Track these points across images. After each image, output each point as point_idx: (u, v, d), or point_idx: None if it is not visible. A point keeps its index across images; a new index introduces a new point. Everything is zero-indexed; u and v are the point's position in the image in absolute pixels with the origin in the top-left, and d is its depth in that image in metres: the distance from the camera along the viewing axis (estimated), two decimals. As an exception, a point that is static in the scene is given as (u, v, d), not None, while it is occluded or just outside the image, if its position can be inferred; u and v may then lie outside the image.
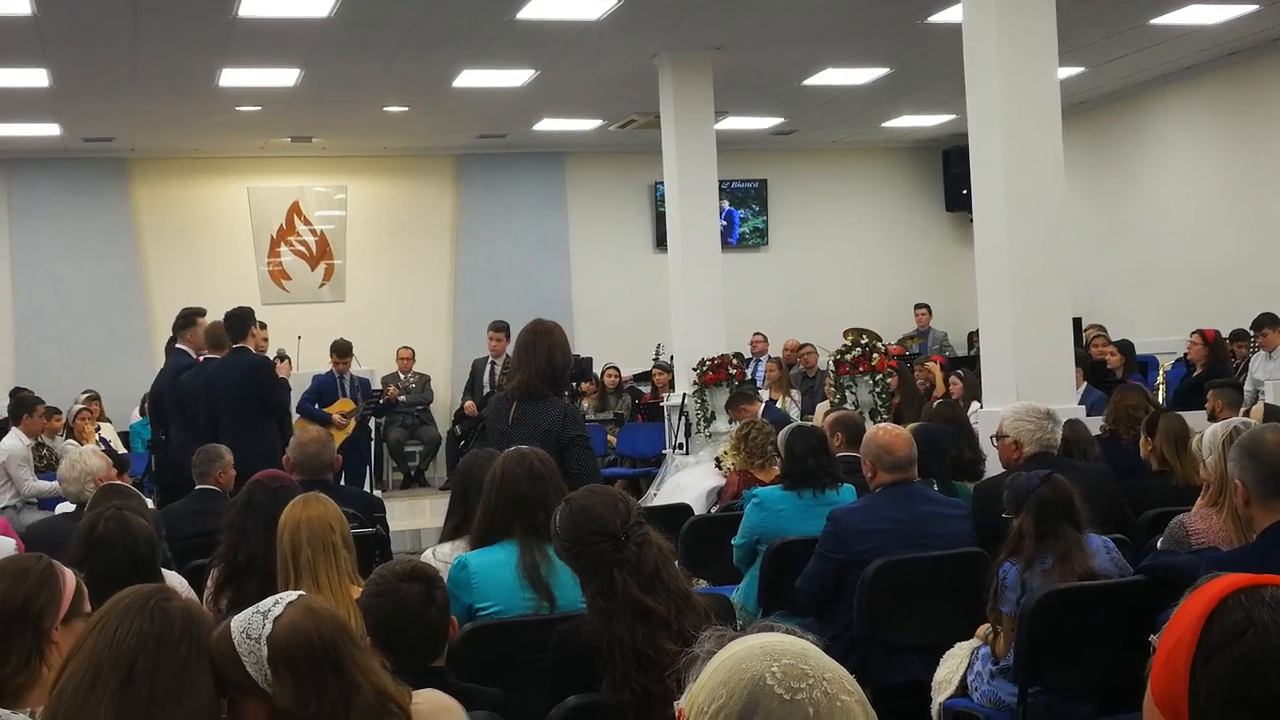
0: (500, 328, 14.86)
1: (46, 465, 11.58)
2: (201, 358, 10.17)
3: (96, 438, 14.00)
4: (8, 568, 3.59)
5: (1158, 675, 1.86)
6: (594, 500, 4.00)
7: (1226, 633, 1.79)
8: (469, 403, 15.59)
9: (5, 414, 12.95)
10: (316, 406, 14.06)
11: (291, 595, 3.00)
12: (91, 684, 2.71)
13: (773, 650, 1.77)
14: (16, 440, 11.56)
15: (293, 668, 2.84)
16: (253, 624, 2.89)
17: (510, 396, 6.52)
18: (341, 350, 14.87)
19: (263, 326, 10.94)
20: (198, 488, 7.45)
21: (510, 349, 14.34)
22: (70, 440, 12.81)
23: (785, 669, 1.74)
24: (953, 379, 12.42)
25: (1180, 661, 1.82)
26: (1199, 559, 4.72)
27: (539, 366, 6.45)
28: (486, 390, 15.02)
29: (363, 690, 2.89)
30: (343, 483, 10.95)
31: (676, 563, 4.04)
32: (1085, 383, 11.37)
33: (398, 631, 3.69)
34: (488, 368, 15.42)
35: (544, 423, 6.23)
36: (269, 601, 2.96)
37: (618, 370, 16.95)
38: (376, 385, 16.03)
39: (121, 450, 14.91)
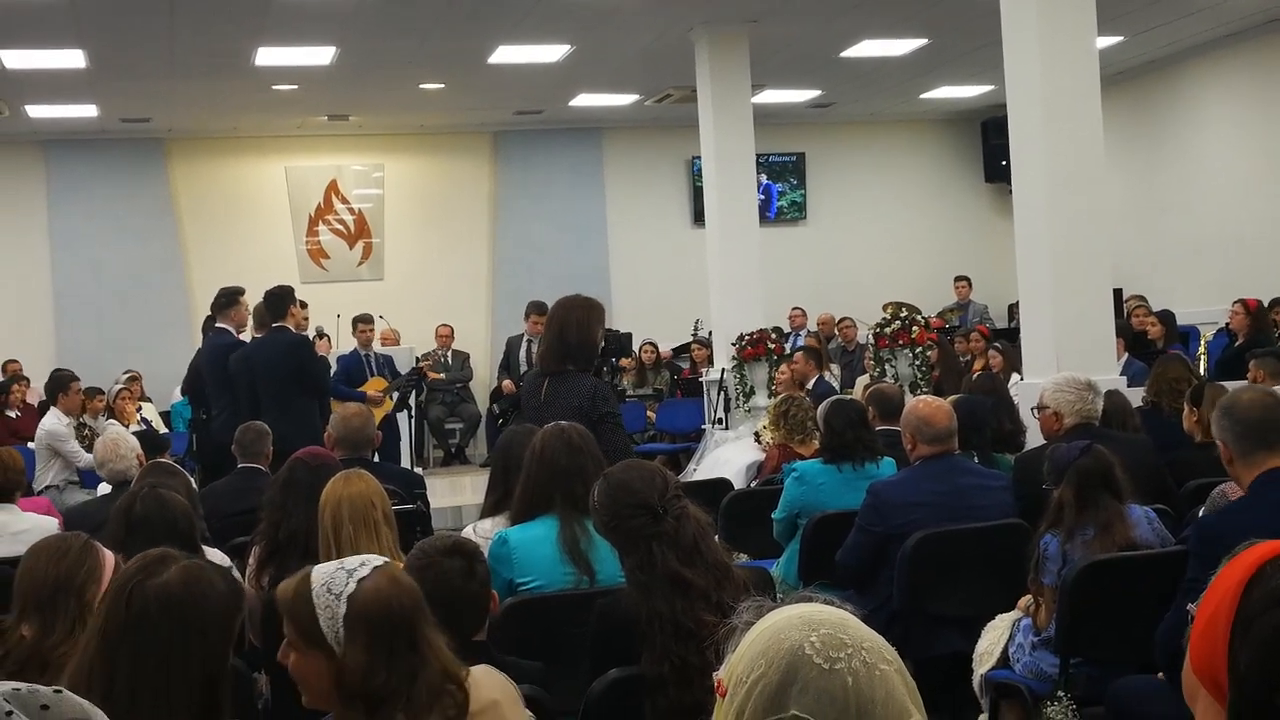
0: (540, 310, 14.84)
1: (89, 445, 11.65)
2: (251, 338, 10.22)
3: (138, 417, 14.08)
4: (48, 546, 3.62)
5: (1196, 644, 1.85)
6: (632, 474, 4.01)
7: (1265, 600, 1.78)
8: (506, 381, 15.61)
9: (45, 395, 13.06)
10: (350, 388, 14.05)
11: (377, 560, 3.00)
12: (88, 679, 2.73)
13: (811, 620, 1.77)
14: (55, 419, 11.64)
15: (371, 632, 2.85)
16: (336, 579, 2.89)
17: (541, 373, 6.52)
18: (365, 319, 14.95)
19: (303, 305, 10.96)
20: (240, 465, 7.47)
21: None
22: (112, 420, 12.88)
23: (824, 638, 1.73)
24: (992, 351, 12.37)
25: (1219, 630, 1.81)
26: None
27: (550, 343, 6.43)
28: (524, 369, 15.03)
29: (429, 666, 2.90)
30: (377, 460, 10.97)
31: (715, 536, 4.04)
32: (1126, 354, 11.31)
33: (440, 606, 3.66)
34: (523, 346, 15.42)
35: (573, 400, 6.18)
36: (355, 560, 2.97)
37: (655, 346, 16.95)
38: (410, 363, 16.01)
39: (163, 430, 14.99)
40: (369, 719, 2.85)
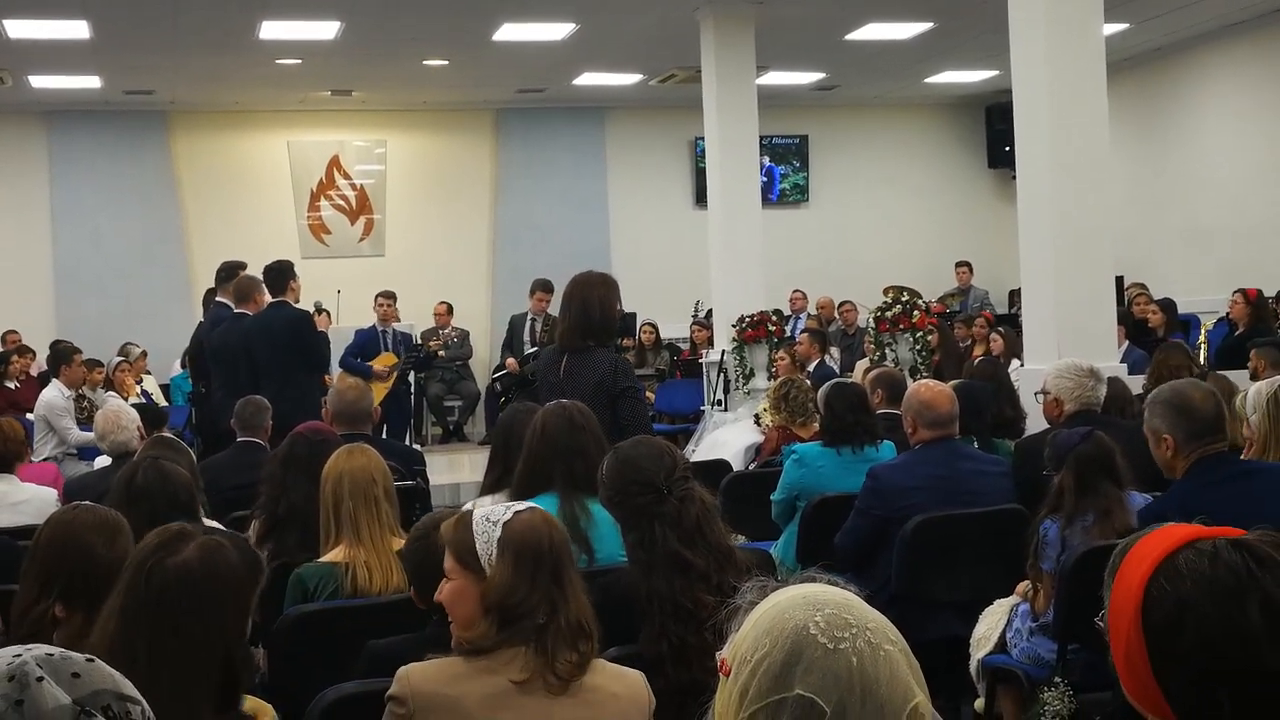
0: (547, 288, 14.83)
1: (88, 417, 11.62)
2: (237, 311, 10.21)
3: (138, 390, 14.08)
4: (93, 522, 3.53)
5: (1128, 684, 1.85)
6: (640, 451, 4.02)
7: (1167, 624, 1.79)
8: (510, 360, 15.60)
9: (47, 367, 13.05)
10: (359, 360, 14.10)
11: (533, 504, 3.28)
12: (106, 653, 2.73)
13: (816, 600, 1.77)
14: (56, 392, 11.63)
15: (518, 554, 3.10)
16: (494, 511, 3.18)
17: (560, 350, 6.54)
18: (388, 294, 15.02)
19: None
20: (239, 439, 7.47)
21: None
22: (110, 393, 12.88)
23: (828, 618, 1.73)
24: (993, 336, 12.37)
25: (1140, 667, 1.81)
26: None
27: (573, 319, 6.46)
28: (528, 347, 15.02)
29: (570, 606, 3.11)
30: (384, 437, 10.97)
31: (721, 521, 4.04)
32: (1127, 341, 11.31)
33: (429, 579, 3.65)
34: (527, 324, 15.41)
35: (594, 375, 6.23)
36: (515, 504, 3.27)
37: (655, 327, 16.95)
38: (417, 340, 16.06)
39: (163, 403, 14.99)
40: (499, 633, 3.05)
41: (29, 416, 11.69)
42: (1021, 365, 9.63)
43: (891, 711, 1.71)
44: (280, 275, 9.90)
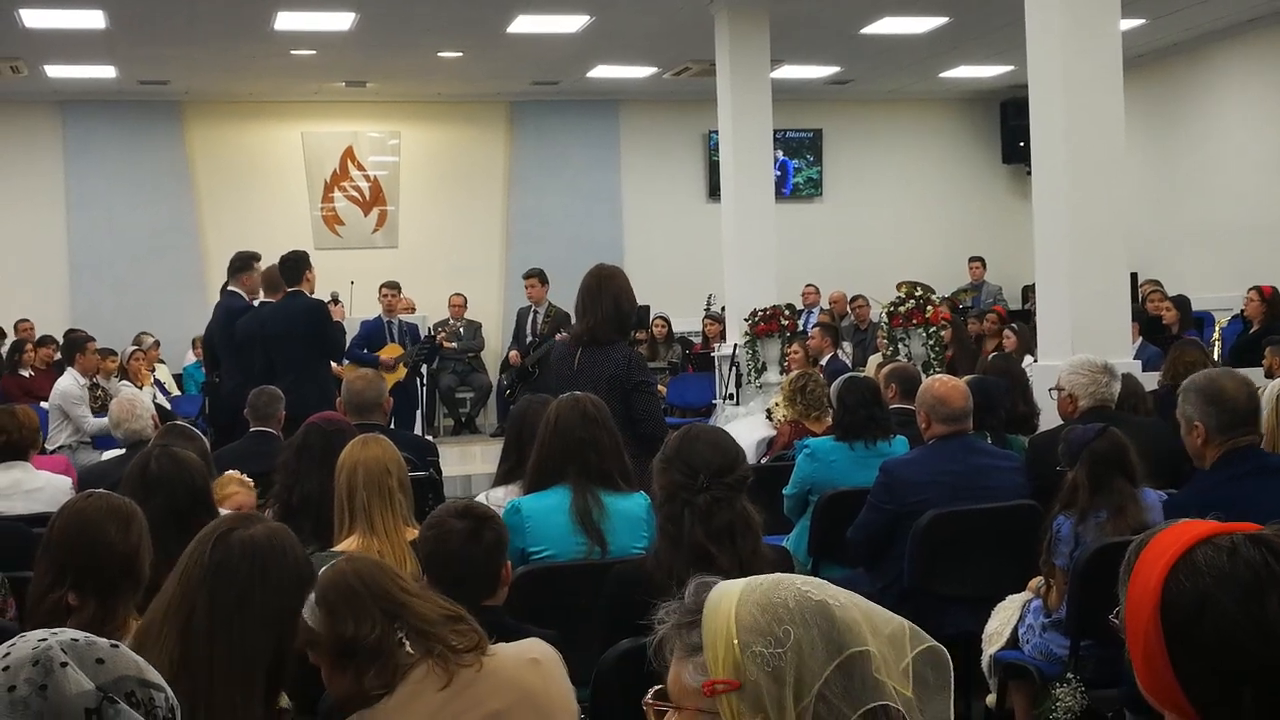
0: (535, 274, 14.81)
1: (102, 406, 11.64)
2: (257, 302, 10.22)
3: (152, 379, 14.11)
4: (106, 508, 3.53)
5: (1146, 681, 1.84)
6: (708, 439, 4.02)
7: (1186, 620, 1.77)
8: (513, 352, 15.59)
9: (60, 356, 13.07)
10: (365, 351, 14.12)
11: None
12: (164, 618, 2.81)
13: (779, 577, 1.81)
14: (71, 380, 11.65)
15: (325, 597, 2.98)
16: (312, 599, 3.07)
17: (575, 343, 6.49)
18: (392, 285, 15.03)
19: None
20: (253, 429, 7.47)
21: (549, 295, 14.42)
22: (124, 382, 12.90)
23: (806, 583, 1.78)
24: (1006, 331, 12.35)
25: (1159, 664, 1.79)
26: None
27: (605, 312, 6.38)
28: (530, 339, 15.01)
29: (413, 606, 3.02)
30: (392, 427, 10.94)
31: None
32: (1140, 338, 11.28)
33: (440, 567, 3.70)
34: (530, 316, 15.40)
35: (608, 369, 6.20)
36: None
37: (667, 320, 16.96)
38: (427, 331, 16.05)
39: (175, 392, 15.03)
40: (358, 675, 2.95)
41: (43, 405, 11.71)
42: (1035, 361, 9.62)
43: (895, 643, 1.78)
44: (296, 265, 9.92)
